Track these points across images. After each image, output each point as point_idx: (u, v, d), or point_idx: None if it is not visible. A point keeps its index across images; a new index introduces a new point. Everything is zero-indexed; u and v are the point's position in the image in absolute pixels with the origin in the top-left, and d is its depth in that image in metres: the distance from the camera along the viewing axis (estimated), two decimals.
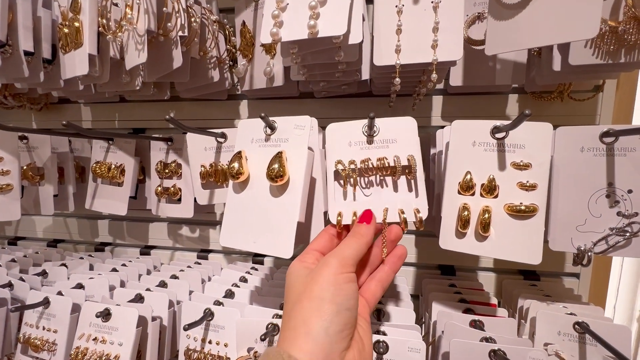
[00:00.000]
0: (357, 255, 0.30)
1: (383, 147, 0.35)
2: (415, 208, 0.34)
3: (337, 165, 0.35)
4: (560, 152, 0.39)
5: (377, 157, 0.35)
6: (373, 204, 0.35)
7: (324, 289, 0.27)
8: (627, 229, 0.37)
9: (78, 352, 0.44)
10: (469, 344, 0.38)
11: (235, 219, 0.36)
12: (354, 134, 0.36)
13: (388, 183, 0.35)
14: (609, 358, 0.40)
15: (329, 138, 0.36)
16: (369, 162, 0.35)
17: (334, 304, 0.27)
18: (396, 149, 0.35)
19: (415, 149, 0.35)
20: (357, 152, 0.35)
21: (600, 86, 0.51)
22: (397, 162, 0.34)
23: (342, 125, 0.37)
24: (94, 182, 0.63)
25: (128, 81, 0.54)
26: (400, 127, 0.35)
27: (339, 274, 0.28)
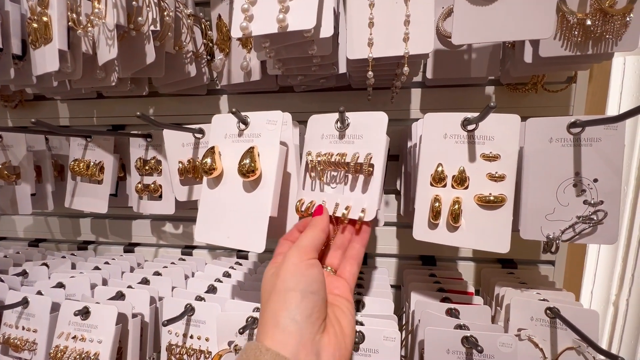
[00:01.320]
0: (314, 242, 0.31)
1: (349, 143, 0.35)
2: (363, 208, 0.34)
3: (307, 157, 0.36)
4: (530, 143, 0.40)
5: (339, 152, 0.35)
6: (333, 198, 0.35)
7: (287, 279, 0.28)
8: (593, 216, 0.38)
9: (57, 351, 0.44)
10: (443, 332, 0.39)
11: (210, 215, 0.36)
12: (328, 127, 0.36)
13: (349, 179, 0.36)
14: (578, 340, 0.41)
15: (309, 129, 0.37)
16: (331, 157, 0.35)
17: (297, 291, 0.27)
18: (361, 145, 0.35)
19: (379, 147, 0.34)
20: (327, 145, 0.36)
21: (572, 77, 0.52)
22: (354, 160, 0.34)
23: (322, 117, 0.37)
24: (72, 181, 0.62)
25: (103, 77, 0.53)
26: (368, 122, 0.35)
27: (299, 263, 0.29)
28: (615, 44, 0.39)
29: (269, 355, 0.25)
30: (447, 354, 0.39)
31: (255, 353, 0.25)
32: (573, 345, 0.42)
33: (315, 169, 0.35)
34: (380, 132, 0.34)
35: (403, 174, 0.54)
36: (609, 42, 0.39)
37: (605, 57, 0.42)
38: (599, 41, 0.39)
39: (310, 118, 0.37)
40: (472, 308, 0.45)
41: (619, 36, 0.38)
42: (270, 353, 0.25)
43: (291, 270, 0.28)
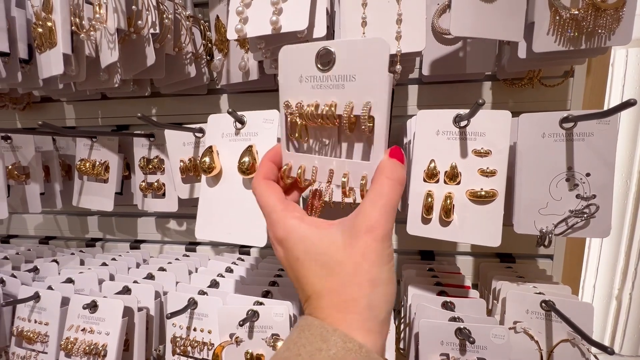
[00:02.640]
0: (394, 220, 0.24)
1: (338, 87, 0.25)
2: (364, 175, 0.26)
3: (286, 110, 0.27)
4: (523, 138, 0.40)
5: (326, 101, 0.25)
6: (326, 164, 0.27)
7: (383, 269, 0.23)
8: (585, 210, 0.39)
9: (68, 343, 0.46)
10: (437, 324, 0.40)
11: (210, 212, 0.38)
12: (308, 65, 0.26)
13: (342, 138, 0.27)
14: (573, 333, 0.42)
15: (282, 67, 0.27)
16: (317, 108, 0.26)
17: (391, 283, 0.24)
18: (353, 90, 0.25)
19: (380, 90, 0.24)
20: (308, 90, 0.26)
21: (569, 71, 0.52)
22: (348, 111, 0.25)
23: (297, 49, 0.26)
24: (79, 180, 0.64)
25: (106, 79, 0.55)
26: (361, 54, 0.24)
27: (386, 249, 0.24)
28: (608, 38, 0.39)
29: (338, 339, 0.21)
30: (440, 345, 0.40)
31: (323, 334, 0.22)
32: (568, 337, 0.42)
33: (297, 126, 0.27)
34: (380, 69, 0.23)
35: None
36: (602, 36, 0.39)
37: (599, 52, 0.42)
38: (592, 36, 0.39)
39: (282, 50, 0.27)
40: (468, 301, 0.46)
41: (611, 30, 0.38)
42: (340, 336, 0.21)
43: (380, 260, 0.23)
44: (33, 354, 0.50)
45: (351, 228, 0.24)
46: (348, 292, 0.23)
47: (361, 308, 0.22)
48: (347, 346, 0.21)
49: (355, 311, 0.22)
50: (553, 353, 0.43)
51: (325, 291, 0.23)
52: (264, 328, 0.43)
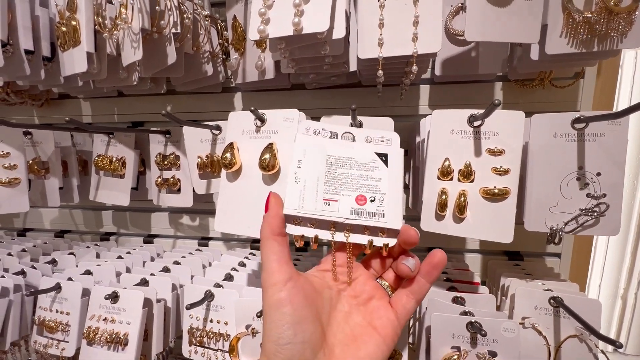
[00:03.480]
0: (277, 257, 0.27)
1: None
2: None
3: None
4: (535, 138, 0.41)
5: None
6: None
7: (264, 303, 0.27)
8: (595, 209, 0.40)
9: (90, 332, 0.47)
10: (449, 317, 0.41)
11: (229, 206, 0.39)
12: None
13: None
14: (581, 329, 0.43)
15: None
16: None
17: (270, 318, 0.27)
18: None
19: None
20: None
21: (580, 73, 0.53)
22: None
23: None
24: (96, 175, 0.65)
25: (125, 77, 0.56)
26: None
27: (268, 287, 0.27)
28: (620, 41, 0.39)
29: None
30: (452, 338, 0.41)
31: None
32: (576, 333, 0.44)
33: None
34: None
35: (412, 169, 0.56)
36: (614, 39, 0.40)
37: (610, 54, 0.43)
38: (605, 39, 0.40)
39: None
40: (478, 297, 0.47)
41: (624, 34, 0.39)
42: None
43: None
44: (55, 342, 0.52)
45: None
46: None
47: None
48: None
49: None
50: (561, 348, 0.44)
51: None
52: None
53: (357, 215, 0.30)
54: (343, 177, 0.31)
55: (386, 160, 0.32)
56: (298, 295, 0.26)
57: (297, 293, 0.26)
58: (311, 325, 0.26)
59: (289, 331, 0.25)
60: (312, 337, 0.26)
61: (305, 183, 0.30)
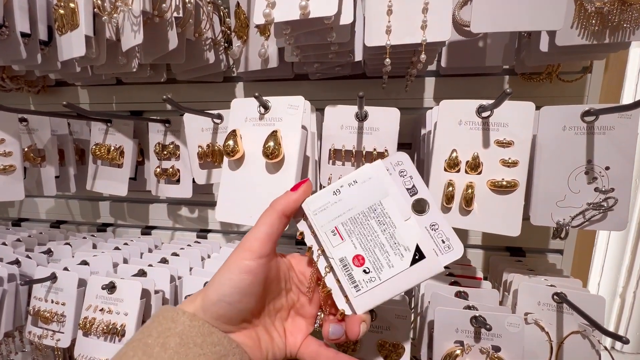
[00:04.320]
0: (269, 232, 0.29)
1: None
2: None
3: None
4: (544, 130, 0.40)
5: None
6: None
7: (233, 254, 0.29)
8: (603, 203, 0.39)
9: (87, 322, 0.47)
10: (452, 311, 0.41)
11: (231, 195, 0.38)
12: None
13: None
14: (584, 325, 0.43)
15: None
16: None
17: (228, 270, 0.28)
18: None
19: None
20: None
21: (588, 67, 0.52)
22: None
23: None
24: (94, 164, 0.64)
25: (125, 63, 0.55)
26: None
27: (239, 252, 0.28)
28: (632, 33, 0.39)
29: (185, 317, 0.25)
30: (456, 332, 0.41)
31: (173, 316, 0.26)
32: (579, 329, 0.43)
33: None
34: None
35: (416, 162, 0.55)
36: (626, 30, 0.39)
37: (621, 47, 0.42)
38: (617, 30, 0.39)
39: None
40: (481, 291, 0.46)
41: (637, 25, 0.38)
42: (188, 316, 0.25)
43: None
44: (49, 333, 0.51)
45: None
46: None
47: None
48: (193, 324, 0.25)
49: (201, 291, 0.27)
50: (563, 344, 0.44)
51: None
52: None
53: (342, 267, 0.29)
54: (367, 230, 0.29)
55: (418, 259, 0.28)
56: (263, 274, 0.28)
57: (263, 271, 0.28)
58: (256, 302, 0.28)
59: (237, 295, 0.27)
60: (251, 310, 0.28)
61: (338, 203, 0.29)
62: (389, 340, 0.41)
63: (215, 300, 0.26)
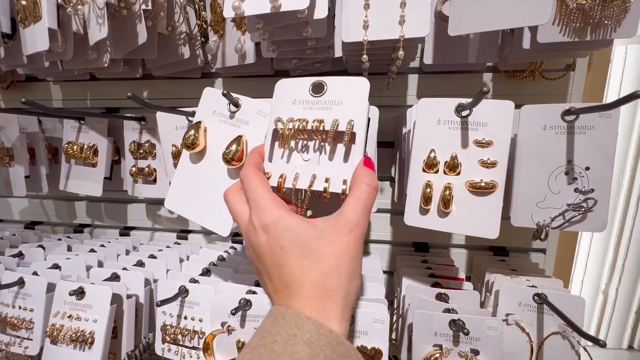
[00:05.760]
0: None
1: (326, 109, 0.31)
2: (344, 179, 0.30)
3: (277, 124, 0.32)
4: (524, 130, 0.39)
5: (315, 118, 0.31)
6: (307, 170, 0.31)
7: (358, 263, 0.27)
8: (583, 204, 0.38)
9: (54, 330, 0.45)
10: (431, 315, 0.40)
11: (184, 187, 0.37)
12: (301, 92, 0.32)
13: (326, 149, 0.32)
14: (564, 325, 0.42)
15: (276, 93, 0.33)
16: (305, 124, 0.31)
17: (360, 277, 0.27)
18: (340, 111, 0.31)
19: (361, 113, 0.30)
20: (300, 111, 0.32)
21: (571, 65, 0.51)
22: (334, 127, 0.30)
23: (293, 81, 0.33)
24: (67, 163, 0.62)
25: (95, 58, 0.52)
26: (349, 88, 0.31)
27: (362, 245, 0.27)
28: (614, 30, 0.38)
29: (311, 324, 0.23)
30: (434, 336, 0.40)
31: (297, 322, 0.24)
32: (559, 330, 0.43)
33: (287, 137, 0.32)
34: (361, 98, 0.30)
35: (398, 161, 0.54)
36: (607, 28, 0.38)
37: (603, 44, 0.42)
38: (598, 27, 0.38)
39: (278, 82, 0.33)
40: (462, 293, 0.45)
41: (618, 22, 0.37)
42: (313, 323, 0.23)
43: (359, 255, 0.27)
44: (17, 340, 0.49)
45: (335, 226, 0.26)
46: (329, 282, 0.25)
47: (339, 298, 0.25)
48: (320, 331, 0.23)
49: (334, 300, 0.25)
50: (543, 345, 0.43)
51: (307, 281, 0.25)
52: (257, 317, 0.43)
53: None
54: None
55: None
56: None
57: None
58: None
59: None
60: None
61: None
62: (367, 346, 0.40)
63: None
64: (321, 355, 0.22)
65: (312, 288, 0.25)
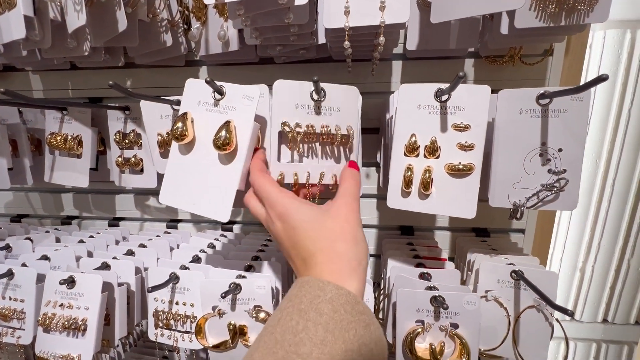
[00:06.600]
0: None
1: (327, 115, 0.37)
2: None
3: (284, 127, 0.36)
4: (502, 114, 0.41)
5: (321, 124, 0.37)
6: (317, 169, 0.37)
7: (361, 230, 0.31)
8: (556, 184, 0.40)
9: (46, 318, 0.45)
10: (413, 292, 0.42)
11: (177, 180, 0.37)
12: (302, 97, 0.36)
13: (327, 150, 0.38)
14: (538, 300, 0.45)
15: (276, 96, 0.37)
16: (313, 129, 0.36)
17: (365, 241, 0.31)
18: (338, 117, 0.37)
19: (355, 119, 0.37)
20: (304, 116, 0.36)
21: (548, 50, 0.53)
22: (338, 131, 0.36)
23: (291, 84, 0.37)
24: (51, 155, 0.61)
25: (75, 46, 0.51)
26: (343, 95, 0.37)
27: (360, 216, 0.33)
28: (587, 15, 0.39)
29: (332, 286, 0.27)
30: (417, 312, 0.42)
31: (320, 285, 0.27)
32: (534, 304, 0.45)
33: (295, 140, 0.36)
34: (353, 105, 0.37)
35: (382, 147, 0.55)
36: (581, 13, 0.39)
37: (578, 29, 0.43)
38: (572, 12, 0.39)
39: (276, 84, 0.36)
40: (443, 272, 0.48)
41: (590, 7, 0.39)
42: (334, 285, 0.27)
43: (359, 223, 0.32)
44: (10, 330, 0.49)
45: (334, 204, 0.33)
46: (337, 248, 0.29)
47: (348, 259, 0.29)
48: (340, 292, 0.27)
49: (344, 261, 0.29)
50: (520, 318, 0.46)
51: (318, 250, 0.30)
52: (247, 300, 0.44)
53: None
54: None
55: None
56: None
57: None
58: None
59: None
60: None
61: None
62: None
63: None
64: (342, 311, 0.26)
65: (324, 254, 0.29)
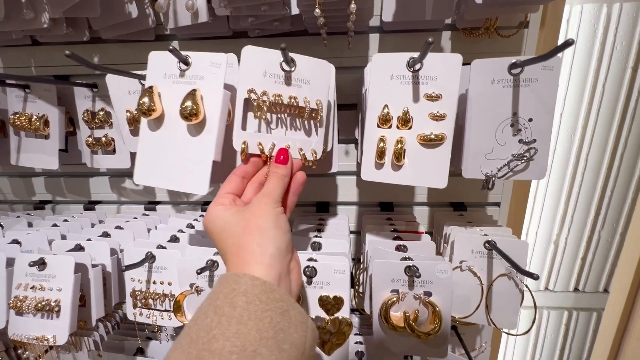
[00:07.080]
0: (282, 193, 0.35)
1: (297, 86, 0.36)
2: (313, 149, 0.37)
3: (250, 94, 0.35)
4: (475, 84, 0.41)
5: (289, 95, 0.35)
6: (277, 140, 0.36)
7: (268, 219, 0.31)
8: (526, 154, 0.41)
9: (17, 301, 0.44)
10: (388, 263, 0.43)
11: (151, 157, 0.36)
12: (271, 66, 0.35)
13: (295, 122, 0.37)
14: (509, 268, 0.46)
15: (244, 62, 0.35)
16: (281, 99, 0.35)
17: (279, 229, 0.32)
18: (308, 90, 0.36)
19: (324, 93, 0.36)
20: (272, 85, 0.35)
21: (523, 22, 0.52)
22: (307, 104, 0.35)
23: (261, 52, 0.35)
24: (16, 136, 0.58)
25: (32, 17, 0.48)
26: (314, 68, 0.36)
27: (273, 209, 0.33)
28: None
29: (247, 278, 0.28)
30: (392, 282, 0.43)
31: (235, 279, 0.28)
32: (505, 272, 0.47)
33: (262, 109, 0.35)
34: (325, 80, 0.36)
35: (360, 122, 0.54)
36: None
37: None
38: None
39: (245, 50, 0.35)
40: (419, 243, 0.49)
41: None
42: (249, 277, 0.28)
43: (271, 213, 0.32)
44: None
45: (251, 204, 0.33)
46: (241, 241, 0.31)
47: (252, 248, 0.30)
48: (254, 283, 0.27)
49: (247, 252, 0.30)
50: (492, 286, 0.48)
51: (228, 249, 0.31)
52: None
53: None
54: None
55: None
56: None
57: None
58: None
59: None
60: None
61: None
62: (330, 295, 0.43)
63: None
64: (256, 301, 0.26)
65: (230, 251, 0.31)
